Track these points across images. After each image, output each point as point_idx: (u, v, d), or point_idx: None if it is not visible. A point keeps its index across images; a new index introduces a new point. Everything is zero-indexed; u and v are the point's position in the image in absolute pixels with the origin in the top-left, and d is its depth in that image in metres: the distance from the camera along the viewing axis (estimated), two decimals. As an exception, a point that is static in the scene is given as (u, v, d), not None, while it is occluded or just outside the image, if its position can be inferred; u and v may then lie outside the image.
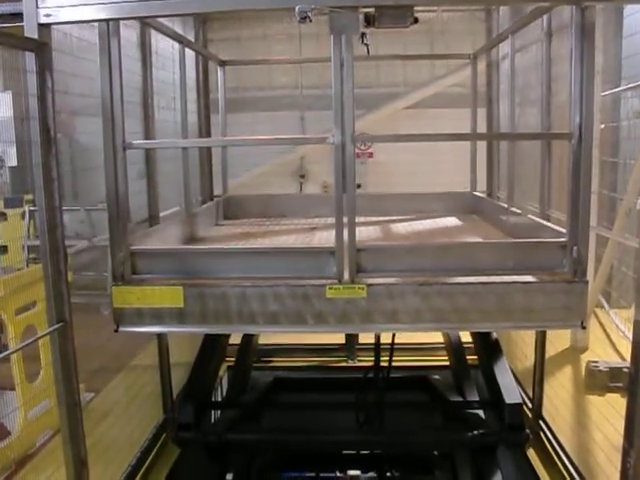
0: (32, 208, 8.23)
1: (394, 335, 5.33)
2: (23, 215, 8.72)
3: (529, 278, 3.50)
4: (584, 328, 3.53)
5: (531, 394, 5.60)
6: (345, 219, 3.45)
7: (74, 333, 3.59)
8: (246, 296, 3.49)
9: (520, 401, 4.94)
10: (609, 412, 4.61)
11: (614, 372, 5.83)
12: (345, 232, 3.45)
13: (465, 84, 7.06)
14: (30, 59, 3.23)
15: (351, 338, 7.30)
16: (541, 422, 5.43)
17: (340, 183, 3.42)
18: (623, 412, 3.39)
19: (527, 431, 4.98)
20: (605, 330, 7.21)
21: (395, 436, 5.19)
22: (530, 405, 5.63)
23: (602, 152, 6.67)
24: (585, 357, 6.57)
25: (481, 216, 5.71)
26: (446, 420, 5.48)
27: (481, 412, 5.23)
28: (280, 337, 7.20)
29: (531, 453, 5.12)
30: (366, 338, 6.74)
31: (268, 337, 6.76)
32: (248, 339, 6.08)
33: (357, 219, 3.47)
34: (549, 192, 4.32)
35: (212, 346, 5.63)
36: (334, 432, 5.22)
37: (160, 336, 5.40)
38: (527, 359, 5.72)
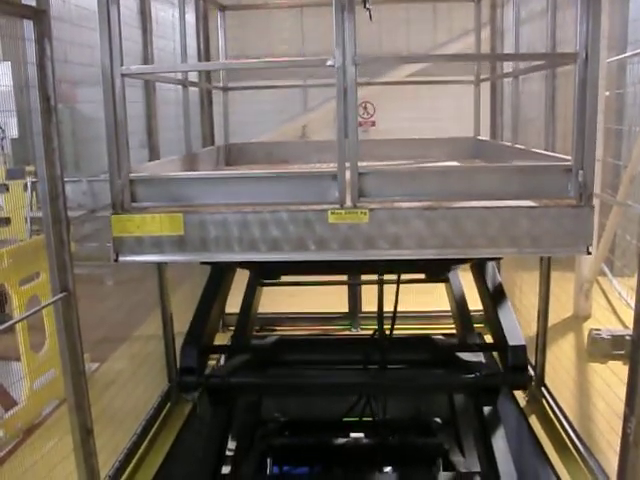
0: (34, 180, 8.19)
1: (397, 296, 5.27)
2: (25, 187, 8.70)
3: (534, 203, 3.45)
4: (589, 254, 3.47)
5: (533, 361, 5.62)
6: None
7: (78, 304, 3.60)
8: (247, 223, 3.45)
9: (523, 343, 4.89)
10: (611, 379, 4.63)
11: (617, 340, 5.85)
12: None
13: (467, 50, 6.99)
14: (28, 27, 3.20)
15: (354, 306, 7.34)
16: (543, 389, 5.46)
17: (342, 106, 3.34)
18: (625, 379, 3.41)
19: (530, 373, 4.90)
20: (608, 298, 7.22)
21: (396, 377, 5.13)
22: (532, 372, 5.65)
23: (607, 119, 6.61)
24: (588, 325, 6.59)
25: (485, 160, 5.63)
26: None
27: (482, 358, 5.19)
28: (282, 305, 7.24)
29: (533, 419, 5.16)
30: (369, 306, 6.77)
31: (269, 305, 6.76)
32: (248, 306, 6.02)
33: (359, 163, 3.42)
34: (554, 137, 4.26)
35: (214, 293, 5.54)
36: (336, 376, 5.16)
37: (164, 305, 5.43)
38: (529, 327, 5.73)
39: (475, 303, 5.99)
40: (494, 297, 5.40)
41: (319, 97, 9.63)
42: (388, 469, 5.48)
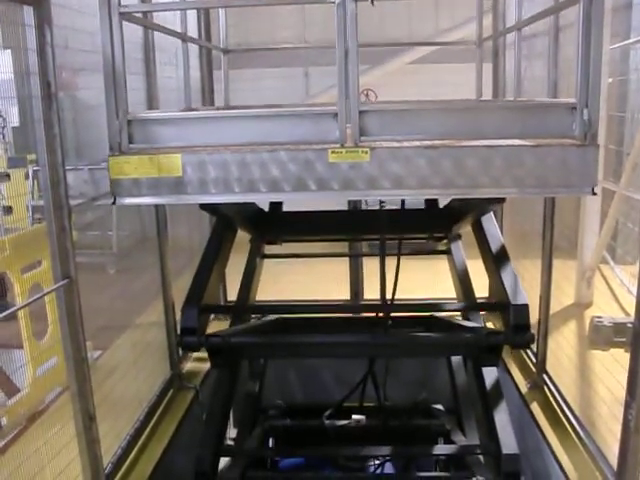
0: (36, 168, 8.17)
1: (399, 260, 5.25)
2: (27, 175, 8.68)
3: (538, 142, 3.37)
4: (594, 194, 3.39)
5: (535, 348, 5.62)
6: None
7: (80, 292, 3.60)
8: (246, 163, 3.38)
9: (526, 302, 4.81)
10: (612, 366, 4.64)
11: (618, 327, 5.85)
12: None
13: (470, 38, 6.96)
14: (28, 13, 3.18)
15: (356, 294, 7.34)
16: (545, 376, 5.46)
17: (342, 42, 3.26)
18: (626, 366, 3.42)
19: (532, 332, 4.89)
20: (610, 286, 7.22)
21: (399, 338, 5.09)
22: (534, 359, 5.66)
23: (609, 106, 6.59)
24: (589, 312, 6.60)
25: None
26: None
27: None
28: (282, 293, 7.23)
29: (534, 406, 5.18)
30: (371, 293, 6.77)
31: (269, 292, 6.75)
32: (250, 274, 5.96)
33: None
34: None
35: (214, 255, 5.48)
36: (339, 336, 5.11)
37: (166, 292, 5.44)
38: (531, 314, 5.73)
39: (478, 290, 5.99)
40: (496, 257, 5.36)
41: (321, 82, 9.59)
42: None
